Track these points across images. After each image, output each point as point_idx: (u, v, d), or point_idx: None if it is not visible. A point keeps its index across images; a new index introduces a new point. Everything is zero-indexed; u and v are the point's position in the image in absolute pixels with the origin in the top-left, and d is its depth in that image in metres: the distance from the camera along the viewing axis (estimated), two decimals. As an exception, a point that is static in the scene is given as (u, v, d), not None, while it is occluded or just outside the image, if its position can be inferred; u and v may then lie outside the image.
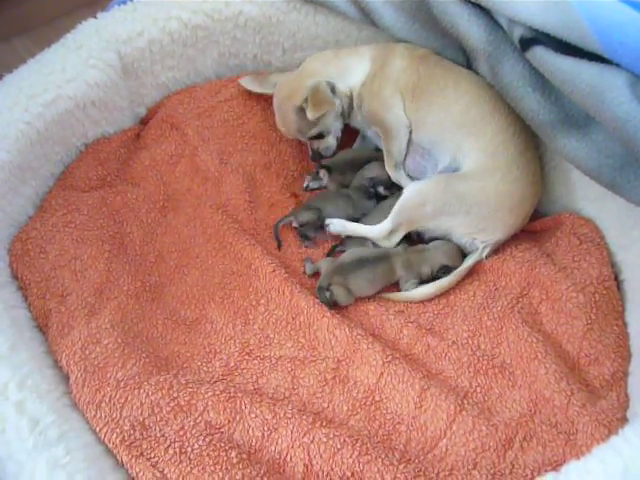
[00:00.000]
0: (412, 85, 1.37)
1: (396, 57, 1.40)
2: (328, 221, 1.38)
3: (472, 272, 1.31)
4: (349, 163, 1.48)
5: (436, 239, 1.35)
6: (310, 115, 1.36)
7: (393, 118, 1.37)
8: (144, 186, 1.45)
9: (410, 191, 1.32)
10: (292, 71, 1.50)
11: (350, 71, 1.42)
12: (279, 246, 1.38)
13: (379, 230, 1.34)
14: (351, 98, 1.43)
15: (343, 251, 1.35)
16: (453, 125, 1.33)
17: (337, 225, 1.38)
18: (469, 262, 1.31)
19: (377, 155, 1.46)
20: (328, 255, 1.37)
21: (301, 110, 1.38)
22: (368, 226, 1.36)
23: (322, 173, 1.47)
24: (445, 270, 1.29)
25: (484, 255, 1.31)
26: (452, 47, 1.38)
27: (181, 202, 1.44)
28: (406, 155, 1.41)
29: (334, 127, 1.44)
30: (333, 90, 1.41)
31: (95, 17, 1.49)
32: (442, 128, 1.34)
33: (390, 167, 1.40)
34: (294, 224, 1.40)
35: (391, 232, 1.34)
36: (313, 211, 1.40)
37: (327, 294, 1.25)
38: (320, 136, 1.43)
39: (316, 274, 1.32)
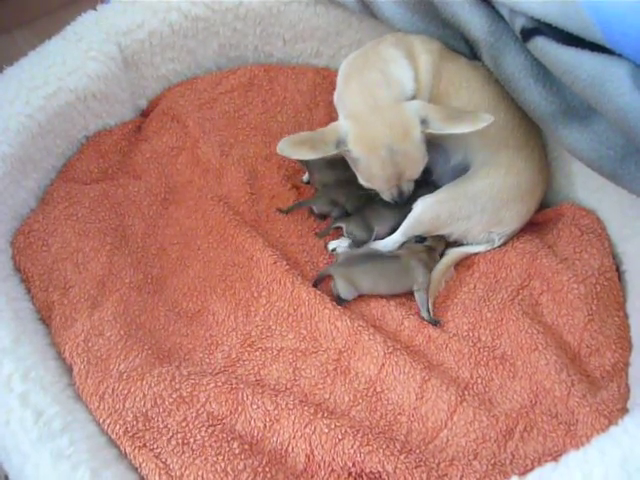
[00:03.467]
0: (436, 90, 1.28)
1: (421, 54, 1.28)
2: (334, 244, 1.35)
3: (472, 264, 1.31)
4: (327, 161, 1.38)
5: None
6: (468, 128, 1.15)
7: None
8: (145, 178, 1.45)
9: (422, 206, 1.29)
10: (336, 122, 1.23)
11: (404, 83, 1.24)
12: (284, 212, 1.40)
13: (392, 242, 1.33)
14: None
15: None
16: None
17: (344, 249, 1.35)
18: (479, 248, 1.32)
19: None
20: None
21: (424, 139, 1.19)
22: (380, 242, 1.34)
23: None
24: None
25: (497, 245, 1.32)
26: (454, 38, 1.37)
27: (182, 194, 1.44)
28: None
29: None
30: None
31: (95, 9, 1.49)
32: None
33: None
34: (315, 210, 1.40)
35: (403, 243, 1.33)
36: (332, 205, 1.39)
37: (331, 284, 1.25)
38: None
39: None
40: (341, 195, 1.40)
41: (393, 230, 1.35)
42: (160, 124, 1.53)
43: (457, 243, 1.35)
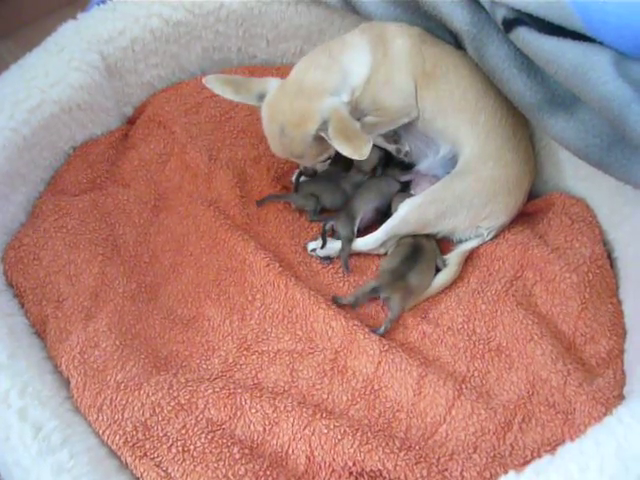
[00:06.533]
0: (420, 69, 1.27)
1: (395, 37, 1.26)
2: (313, 245, 1.35)
3: (465, 258, 1.31)
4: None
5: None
6: (348, 152, 1.13)
7: (403, 104, 1.25)
8: (134, 186, 1.45)
9: (409, 206, 1.28)
10: (273, 78, 1.26)
11: (351, 71, 1.22)
12: (259, 204, 1.41)
13: (373, 240, 1.32)
14: (355, 102, 1.23)
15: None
16: (454, 111, 1.29)
17: (327, 249, 1.33)
18: (471, 244, 1.31)
19: None
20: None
21: (318, 138, 1.18)
22: (359, 239, 1.33)
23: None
24: None
25: (487, 239, 1.31)
26: (437, 29, 1.36)
27: (172, 200, 1.44)
28: (407, 141, 1.37)
29: None
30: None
31: (75, 18, 1.48)
32: (446, 115, 1.29)
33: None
34: (293, 206, 1.41)
35: (384, 241, 1.32)
36: (311, 199, 1.39)
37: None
38: (328, 159, 1.30)
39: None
40: (318, 189, 1.39)
41: (377, 210, 1.35)
42: (147, 131, 1.52)
43: (445, 239, 1.34)
